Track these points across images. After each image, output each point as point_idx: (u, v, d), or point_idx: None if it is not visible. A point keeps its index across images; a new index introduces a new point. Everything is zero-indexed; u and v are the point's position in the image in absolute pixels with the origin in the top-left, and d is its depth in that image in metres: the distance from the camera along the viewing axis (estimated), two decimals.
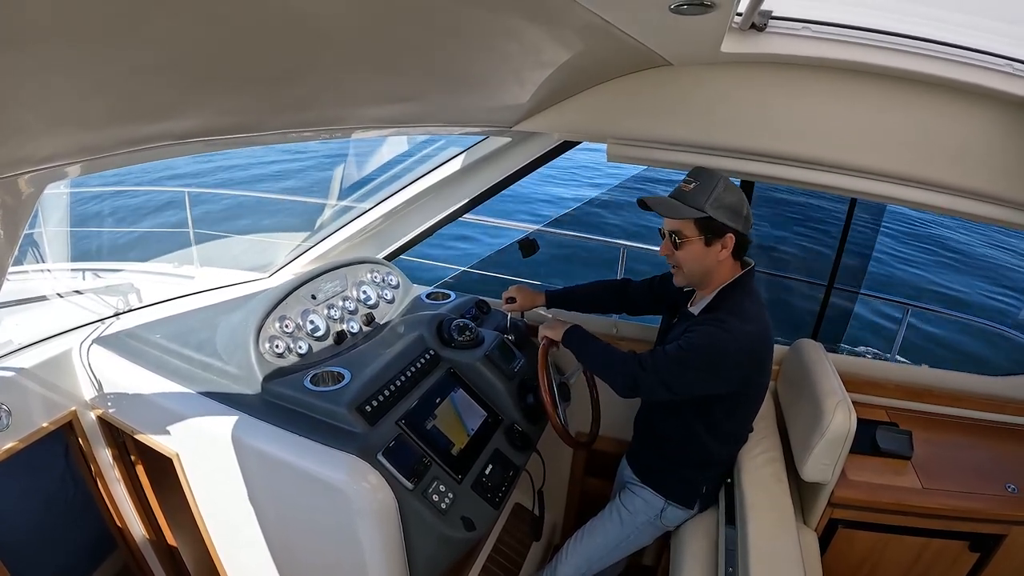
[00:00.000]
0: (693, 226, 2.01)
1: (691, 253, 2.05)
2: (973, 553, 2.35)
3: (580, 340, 2.25)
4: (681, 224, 2.02)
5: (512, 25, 1.29)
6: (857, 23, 1.87)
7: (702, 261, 2.06)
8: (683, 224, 2.02)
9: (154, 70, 0.91)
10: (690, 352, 1.96)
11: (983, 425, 2.77)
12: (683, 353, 1.96)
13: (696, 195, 1.99)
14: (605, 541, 2.42)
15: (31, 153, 1.00)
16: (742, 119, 2.20)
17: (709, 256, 2.05)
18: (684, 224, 2.02)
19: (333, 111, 1.59)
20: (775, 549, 1.99)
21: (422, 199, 3.07)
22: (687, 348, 1.96)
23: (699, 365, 1.96)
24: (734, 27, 1.87)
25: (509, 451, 2.26)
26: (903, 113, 2.04)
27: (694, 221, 2.00)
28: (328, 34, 1.03)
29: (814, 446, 2.11)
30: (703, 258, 2.05)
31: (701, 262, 2.06)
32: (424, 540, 1.87)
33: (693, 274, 2.10)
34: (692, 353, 1.95)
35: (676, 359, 1.97)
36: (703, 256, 2.05)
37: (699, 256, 2.05)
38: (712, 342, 1.95)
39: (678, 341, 2.01)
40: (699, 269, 2.08)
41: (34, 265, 2.84)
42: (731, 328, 1.95)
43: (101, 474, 2.33)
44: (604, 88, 2.28)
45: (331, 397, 1.98)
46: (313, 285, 2.52)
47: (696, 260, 2.06)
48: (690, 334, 2.00)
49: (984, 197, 2.12)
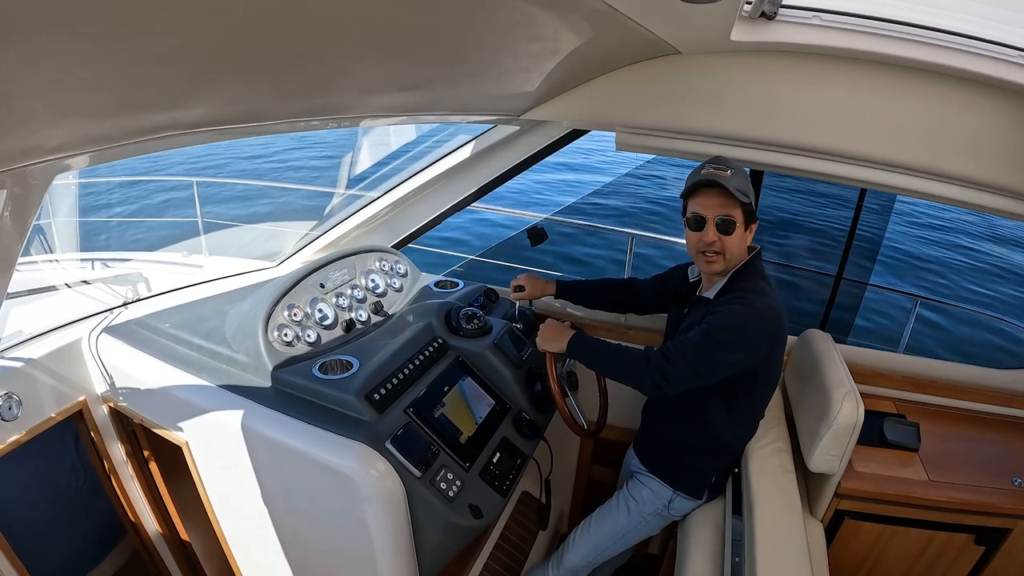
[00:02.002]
0: (740, 211, 2.03)
1: (738, 238, 2.06)
2: (979, 546, 2.35)
3: (588, 348, 2.18)
4: (732, 209, 2.02)
5: (521, 12, 1.29)
6: (868, 12, 1.84)
7: (743, 246, 2.09)
8: (734, 209, 2.02)
9: (162, 59, 0.90)
10: (716, 332, 1.94)
11: (991, 418, 2.76)
12: (709, 335, 1.94)
13: (737, 180, 2.00)
14: (612, 531, 2.43)
15: (40, 143, 1.00)
16: (752, 108, 2.18)
17: (746, 241, 2.09)
18: (734, 209, 2.02)
19: (342, 100, 1.59)
20: (781, 539, 1.99)
21: (430, 188, 3.07)
22: (713, 328, 1.95)
23: (726, 343, 1.94)
24: (744, 15, 1.85)
25: (517, 439, 2.27)
26: (915, 103, 2.02)
27: (740, 205, 2.01)
28: (337, 22, 1.03)
29: (821, 437, 2.10)
30: (743, 243, 2.09)
31: (742, 247, 2.09)
32: (432, 527, 1.88)
33: (734, 259, 2.10)
34: (719, 333, 1.94)
35: (703, 343, 1.94)
36: (743, 241, 2.09)
37: (742, 241, 2.08)
38: (738, 317, 1.95)
39: (699, 327, 1.99)
40: (739, 254, 2.10)
41: (43, 255, 2.85)
42: (754, 303, 1.97)
43: (111, 463, 2.35)
44: (613, 76, 2.27)
45: (340, 385, 1.99)
46: (322, 274, 2.52)
47: (740, 245, 2.08)
48: (712, 316, 1.99)
49: (997, 189, 2.10)
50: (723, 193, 1.99)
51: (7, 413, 1.90)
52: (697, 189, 2.06)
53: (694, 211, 2.08)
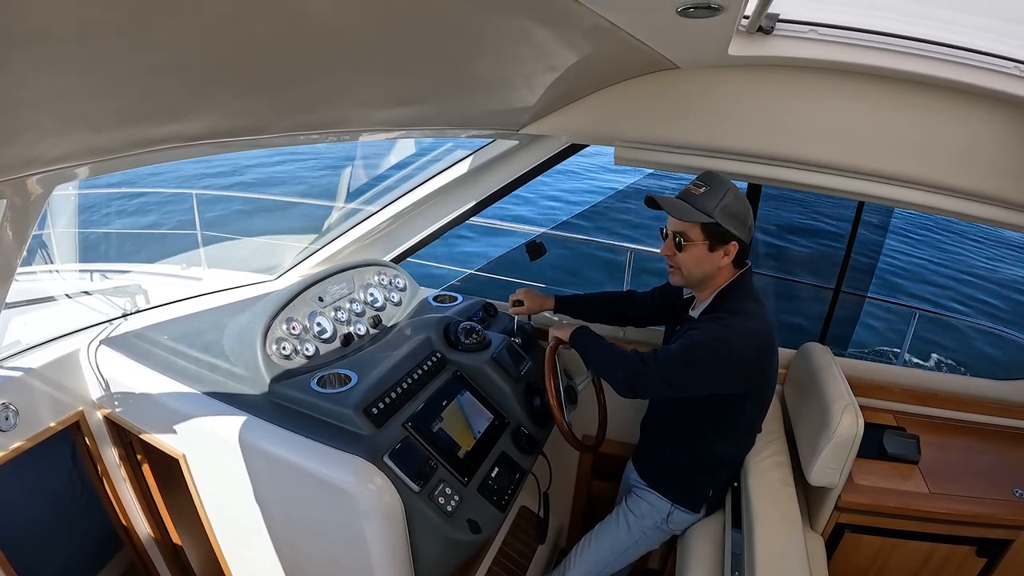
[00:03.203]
0: (699, 230, 2.00)
1: (693, 256, 2.04)
2: (980, 558, 2.34)
3: (586, 339, 2.27)
4: (687, 227, 2.01)
5: (520, 28, 1.30)
6: (864, 26, 1.86)
7: (702, 265, 2.06)
8: (689, 227, 2.01)
9: (164, 72, 0.91)
10: (693, 348, 1.95)
11: (991, 429, 2.76)
12: (686, 350, 1.96)
13: (706, 199, 1.98)
14: (613, 547, 2.41)
15: (41, 154, 1.01)
16: (749, 122, 2.19)
17: (710, 261, 2.05)
18: (690, 227, 2.01)
19: (341, 113, 1.60)
20: (781, 553, 1.98)
21: (429, 202, 3.07)
22: (690, 344, 1.96)
23: (702, 361, 1.95)
24: (741, 30, 1.87)
25: (515, 454, 2.26)
26: (911, 116, 2.03)
27: (700, 225, 1.99)
28: (336, 37, 1.04)
29: (821, 450, 2.10)
30: (704, 262, 2.05)
31: (701, 266, 2.06)
32: (430, 542, 1.87)
33: (691, 276, 2.10)
34: (695, 349, 1.95)
35: (678, 355, 1.96)
36: (704, 260, 2.05)
37: (700, 260, 2.05)
38: (715, 338, 1.94)
39: (680, 340, 2.01)
40: (698, 272, 2.08)
41: (42, 266, 2.86)
42: (733, 325, 1.95)
43: (108, 474, 2.34)
44: (612, 91, 2.28)
45: (338, 399, 1.99)
46: (320, 287, 2.52)
47: (697, 263, 2.06)
48: (692, 331, 2.00)
49: (992, 200, 2.11)
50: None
51: (4, 423, 1.90)
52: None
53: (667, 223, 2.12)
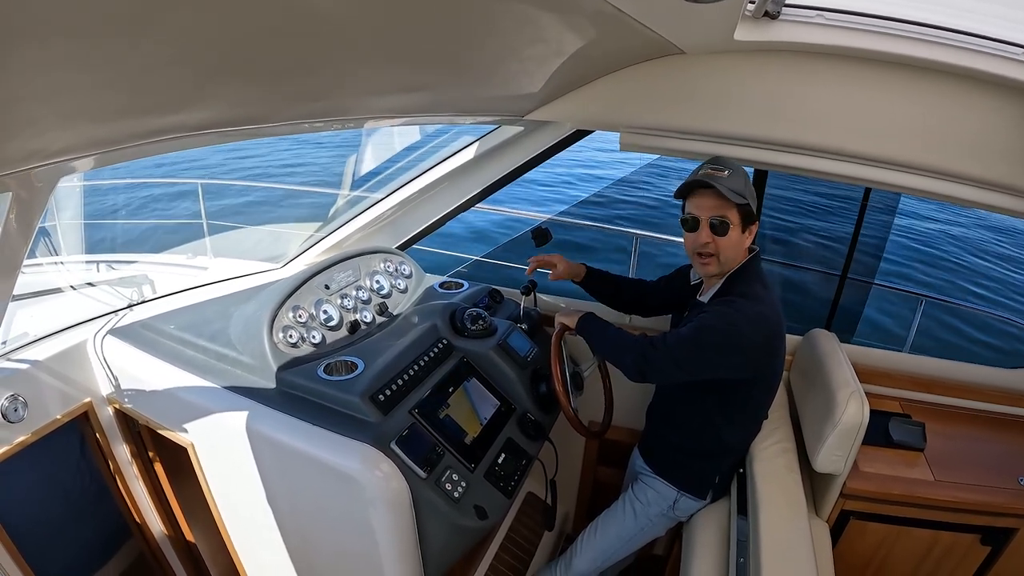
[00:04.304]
0: (736, 212, 2.01)
1: (732, 240, 2.03)
2: (984, 546, 2.34)
3: (593, 326, 2.26)
4: (728, 210, 2.01)
5: (524, 13, 1.29)
6: (872, 11, 1.84)
7: (738, 248, 2.06)
8: (729, 210, 2.01)
9: (167, 63, 0.91)
10: (704, 331, 1.95)
11: (997, 418, 2.75)
12: (697, 332, 1.95)
13: (734, 181, 1.98)
14: (619, 534, 2.43)
15: (44, 146, 1.00)
16: (756, 107, 2.18)
17: (743, 243, 2.06)
18: (730, 210, 2.00)
19: (345, 101, 1.59)
20: (786, 540, 1.99)
21: (435, 188, 3.07)
22: (701, 327, 1.96)
23: (712, 344, 1.95)
24: (747, 15, 1.85)
25: (522, 440, 2.27)
26: (919, 102, 2.01)
27: (737, 207, 1.99)
28: (340, 24, 1.03)
29: (827, 437, 2.10)
30: (739, 246, 2.06)
31: (737, 249, 2.06)
32: (437, 529, 1.88)
33: (728, 261, 2.08)
34: (704, 333, 1.95)
35: (688, 338, 1.96)
36: (739, 244, 2.06)
37: (737, 244, 2.05)
38: (725, 322, 1.94)
39: (691, 323, 2.00)
40: (735, 257, 2.08)
41: (48, 257, 2.86)
42: (744, 309, 1.94)
43: (116, 465, 2.36)
44: (617, 77, 2.26)
45: (344, 386, 1.99)
46: (326, 275, 2.52)
47: (734, 248, 2.05)
48: (703, 315, 2.00)
49: (1000, 187, 2.09)
50: (717, 194, 1.98)
51: (13, 415, 1.90)
52: (692, 190, 2.06)
53: (689, 212, 2.08)
